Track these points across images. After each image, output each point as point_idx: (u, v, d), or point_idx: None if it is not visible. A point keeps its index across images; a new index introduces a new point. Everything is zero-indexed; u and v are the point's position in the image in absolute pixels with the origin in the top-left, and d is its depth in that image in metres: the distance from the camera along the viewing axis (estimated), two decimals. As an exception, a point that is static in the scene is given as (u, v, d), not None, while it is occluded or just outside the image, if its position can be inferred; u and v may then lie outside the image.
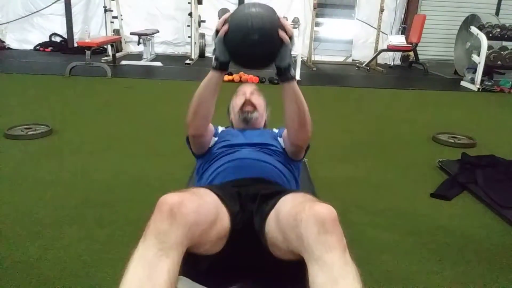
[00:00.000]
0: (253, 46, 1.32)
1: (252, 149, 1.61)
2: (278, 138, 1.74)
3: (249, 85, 1.92)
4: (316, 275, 1.00)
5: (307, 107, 1.45)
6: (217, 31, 1.36)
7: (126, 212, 2.04)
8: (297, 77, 5.74)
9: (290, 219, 1.11)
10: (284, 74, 1.40)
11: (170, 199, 1.06)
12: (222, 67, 1.41)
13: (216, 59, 1.40)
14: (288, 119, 1.49)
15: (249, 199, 1.36)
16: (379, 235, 1.97)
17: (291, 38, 1.34)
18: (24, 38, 7.75)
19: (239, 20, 1.32)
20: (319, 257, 1.00)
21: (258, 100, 1.83)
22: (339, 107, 4.67)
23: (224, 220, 1.23)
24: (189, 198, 1.11)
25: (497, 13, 7.20)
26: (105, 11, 7.14)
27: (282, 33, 1.32)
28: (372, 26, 8.05)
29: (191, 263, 1.13)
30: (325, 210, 1.06)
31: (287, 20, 1.43)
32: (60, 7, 7.61)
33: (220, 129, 1.81)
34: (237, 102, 1.82)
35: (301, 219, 1.06)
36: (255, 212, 1.31)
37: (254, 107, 1.79)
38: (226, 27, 1.33)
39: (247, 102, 1.79)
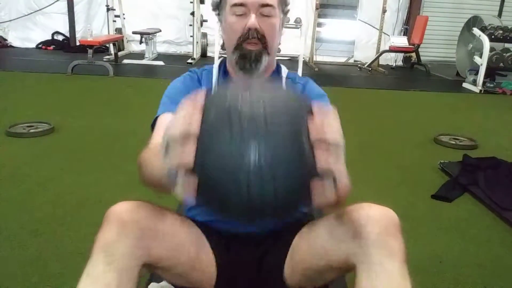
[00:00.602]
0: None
1: None
2: None
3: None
4: (371, 281, 0.85)
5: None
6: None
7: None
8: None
9: (333, 226, 0.95)
10: None
11: (119, 207, 0.92)
12: None
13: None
14: None
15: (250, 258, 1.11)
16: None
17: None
18: (27, 36, 7.76)
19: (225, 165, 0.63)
20: (379, 261, 0.86)
21: (270, 22, 1.09)
22: (340, 108, 4.61)
23: (206, 262, 1.04)
24: (145, 204, 0.95)
25: (499, 15, 7.18)
26: (108, 10, 7.15)
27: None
28: (374, 27, 8.04)
29: None
30: (389, 213, 0.95)
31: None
32: (63, 5, 7.61)
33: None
34: (232, 22, 1.09)
35: (359, 217, 0.92)
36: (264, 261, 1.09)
37: (263, 42, 1.09)
38: (192, 183, 0.66)
39: (252, 33, 1.07)
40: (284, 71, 1.24)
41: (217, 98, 0.68)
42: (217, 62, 1.25)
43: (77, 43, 7.30)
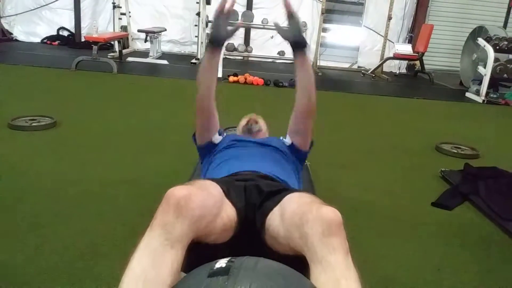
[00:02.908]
0: None
1: (258, 146, 1.76)
2: (284, 140, 1.86)
3: (251, 114, 2.16)
4: (319, 275, 1.02)
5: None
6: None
7: (126, 207, 2.04)
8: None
9: (295, 218, 1.14)
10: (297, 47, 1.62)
11: (177, 192, 1.08)
12: (215, 42, 1.63)
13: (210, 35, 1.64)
14: (300, 89, 1.68)
15: (254, 193, 1.39)
16: (378, 241, 1.96)
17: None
18: (32, 31, 7.78)
19: None
20: (322, 257, 1.02)
21: (261, 121, 2.10)
22: (343, 113, 4.66)
23: (229, 212, 1.26)
24: (196, 192, 1.12)
25: (505, 26, 7.19)
26: (114, 7, 7.17)
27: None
28: (379, 34, 8.06)
29: (195, 252, 1.15)
30: (332, 214, 1.08)
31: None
32: (69, 1, 7.64)
33: (225, 133, 1.93)
34: (242, 122, 2.08)
35: (307, 220, 1.08)
36: (258, 206, 1.34)
37: (257, 123, 2.06)
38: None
39: (251, 121, 2.05)
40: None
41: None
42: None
43: (82, 39, 7.32)
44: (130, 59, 6.68)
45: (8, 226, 1.79)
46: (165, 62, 6.74)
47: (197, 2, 6.90)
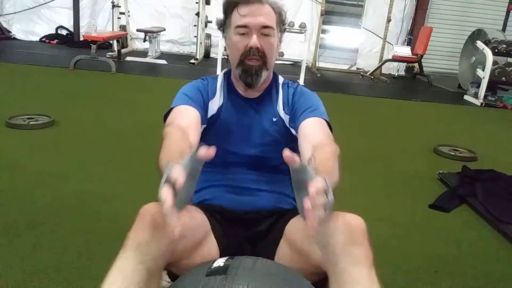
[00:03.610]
0: None
1: (249, 171, 1.29)
2: (290, 128, 1.31)
3: (257, 7, 1.21)
4: None
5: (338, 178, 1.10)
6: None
7: (124, 207, 2.03)
8: (301, 82, 5.76)
9: (311, 231, 0.99)
10: None
11: (153, 208, 0.96)
12: None
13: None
14: None
15: (246, 240, 1.21)
16: (375, 244, 1.96)
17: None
18: (31, 30, 7.76)
19: None
20: (344, 269, 0.92)
21: (270, 42, 1.23)
22: (341, 114, 4.65)
23: (211, 248, 1.12)
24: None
25: (503, 29, 7.20)
26: (113, 6, 7.15)
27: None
28: (378, 36, 8.06)
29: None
30: (355, 221, 0.99)
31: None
32: (68, 0, 7.61)
33: (212, 103, 1.31)
34: (236, 41, 1.23)
35: (327, 227, 0.96)
36: (259, 248, 1.18)
37: (263, 60, 1.23)
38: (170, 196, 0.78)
39: (253, 51, 1.21)
40: (281, 79, 1.40)
41: None
42: (221, 73, 1.40)
43: (81, 38, 7.30)
44: (128, 58, 6.67)
45: (5, 224, 1.78)
46: (164, 62, 6.73)
47: (197, 2, 6.89)
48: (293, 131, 1.30)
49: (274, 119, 1.31)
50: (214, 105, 1.31)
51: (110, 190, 2.21)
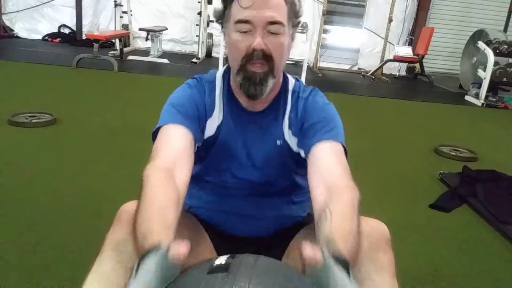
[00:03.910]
0: None
1: (251, 196, 1.13)
2: (299, 150, 1.10)
3: (262, 4, 0.95)
4: None
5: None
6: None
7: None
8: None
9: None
10: None
11: (130, 207, 0.90)
12: None
13: None
14: None
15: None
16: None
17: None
18: (33, 28, 7.77)
19: None
20: (367, 275, 0.87)
21: (279, 41, 0.99)
22: (342, 114, 4.62)
23: (203, 245, 1.06)
24: None
25: (505, 30, 7.20)
26: (115, 5, 7.17)
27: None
28: (379, 36, 8.06)
29: None
30: (380, 227, 0.94)
31: None
32: (71, -1, 7.65)
33: (211, 121, 1.09)
34: (236, 38, 0.99)
35: None
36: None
37: (270, 63, 0.99)
38: None
39: (257, 54, 0.97)
40: (291, 83, 1.14)
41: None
42: (219, 73, 1.13)
43: (83, 37, 7.31)
44: (131, 57, 6.68)
45: (6, 222, 1.79)
46: (166, 61, 6.74)
47: (199, 2, 6.90)
48: (302, 152, 1.08)
49: (278, 143, 1.10)
50: (213, 123, 1.09)
51: (112, 188, 2.22)
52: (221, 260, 0.72)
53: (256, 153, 1.10)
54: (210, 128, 1.08)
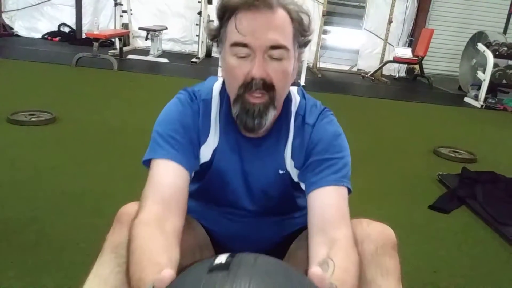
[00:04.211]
0: None
1: (249, 219, 1.06)
2: (299, 182, 1.01)
3: (263, 18, 0.84)
4: None
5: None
6: None
7: (125, 203, 2.04)
8: (302, 83, 5.77)
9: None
10: None
11: (130, 209, 0.89)
12: None
13: None
14: None
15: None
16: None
17: None
18: (33, 26, 7.77)
19: None
20: (373, 279, 0.87)
21: (282, 68, 0.87)
22: (341, 115, 4.63)
23: (202, 236, 1.04)
24: None
25: (505, 32, 7.22)
26: (115, 4, 7.16)
27: None
28: (379, 37, 8.08)
29: None
30: (387, 231, 0.93)
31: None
32: (71, -2, 7.64)
33: (205, 147, 0.99)
34: (233, 64, 0.88)
35: (355, 233, 0.89)
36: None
37: (270, 93, 0.88)
38: None
39: (256, 83, 0.86)
40: (295, 103, 1.01)
41: None
42: (216, 88, 1.01)
43: (83, 36, 7.31)
44: (130, 56, 6.68)
45: (5, 220, 1.79)
46: (165, 60, 6.74)
47: (199, 1, 6.90)
48: (302, 185, 0.99)
49: (281, 172, 1.00)
50: (208, 149, 0.99)
51: (111, 187, 2.22)
52: (221, 259, 0.72)
53: (254, 182, 1.01)
54: (205, 154, 0.99)
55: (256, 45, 0.83)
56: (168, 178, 0.90)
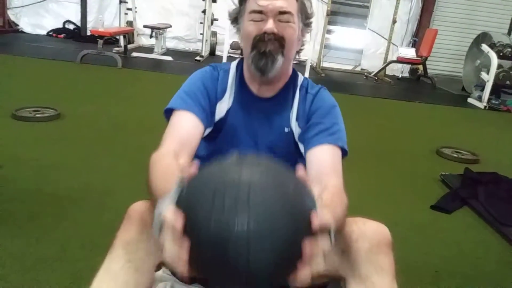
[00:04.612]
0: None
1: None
2: (299, 143, 1.17)
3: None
4: None
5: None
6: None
7: (127, 200, 2.04)
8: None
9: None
10: None
11: (140, 206, 0.94)
12: None
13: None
14: None
15: None
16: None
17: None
18: (38, 23, 7.79)
19: (215, 236, 0.64)
20: (367, 276, 0.90)
21: (289, 29, 1.09)
22: (344, 115, 4.64)
23: None
24: None
25: (509, 33, 7.19)
26: (120, 2, 7.17)
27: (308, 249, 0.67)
28: (383, 37, 8.06)
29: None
30: (382, 229, 0.96)
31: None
32: (76, -5, 7.66)
33: (221, 104, 1.17)
34: (249, 29, 1.09)
35: (351, 231, 0.93)
36: None
37: (280, 43, 1.07)
38: (184, 247, 0.65)
39: (268, 35, 1.06)
40: (300, 78, 1.21)
41: (204, 179, 0.71)
42: (234, 63, 1.22)
43: (88, 33, 7.33)
44: (134, 54, 6.70)
45: (9, 215, 1.81)
46: (169, 58, 6.75)
47: (203, 0, 6.91)
48: (301, 146, 1.15)
49: (286, 130, 1.16)
50: (223, 107, 1.16)
51: (114, 183, 2.23)
52: (233, 155, 0.73)
53: (262, 139, 1.17)
54: (220, 110, 1.17)
55: (268, 10, 1.05)
56: (186, 125, 1.08)
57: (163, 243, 0.66)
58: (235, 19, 1.16)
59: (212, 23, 7.37)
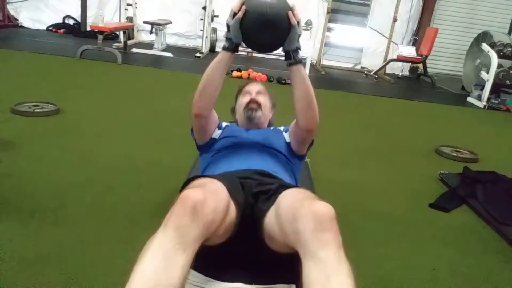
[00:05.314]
0: (266, 30, 1.45)
1: (255, 146, 1.69)
2: (284, 133, 1.82)
3: (256, 84, 1.98)
4: (310, 270, 1.02)
5: (313, 91, 1.57)
6: (234, 14, 1.46)
7: (126, 195, 2.06)
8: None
9: (288, 214, 1.15)
10: (292, 57, 1.51)
11: (194, 195, 1.08)
12: (235, 48, 1.52)
13: (229, 40, 1.51)
14: (296, 102, 1.58)
15: (251, 193, 1.38)
16: (375, 241, 1.98)
17: (298, 23, 1.47)
18: (38, 18, 7.78)
19: (256, 7, 1.44)
20: (314, 253, 1.03)
21: (264, 100, 1.89)
22: (344, 112, 4.67)
23: (232, 214, 1.25)
24: (210, 197, 1.13)
25: (509, 32, 7.20)
26: (121, -3, 7.17)
27: (291, 17, 1.44)
28: (383, 35, 8.06)
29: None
30: (324, 208, 1.09)
31: (295, 8, 1.49)
32: (76, -10, 7.64)
33: (224, 124, 1.87)
34: (242, 100, 1.88)
35: (299, 215, 1.09)
36: (256, 206, 1.34)
37: (259, 106, 1.86)
38: (244, 9, 1.43)
39: (252, 101, 1.85)
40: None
41: None
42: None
43: (88, 29, 7.32)
44: (134, 50, 6.69)
45: (9, 210, 1.80)
46: (169, 54, 6.74)
47: (203, -4, 6.90)
48: (292, 144, 1.77)
49: (279, 129, 1.89)
50: (219, 131, 1.82)
51: (113, 179, 2.23)
52: None
53: (255, 135, 1.78)
54: (217, 132, 1.81)
55: (252, 89, 1.91)
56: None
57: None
58: (233, 108, 2.00)
59: (212, 20, 7.36)
